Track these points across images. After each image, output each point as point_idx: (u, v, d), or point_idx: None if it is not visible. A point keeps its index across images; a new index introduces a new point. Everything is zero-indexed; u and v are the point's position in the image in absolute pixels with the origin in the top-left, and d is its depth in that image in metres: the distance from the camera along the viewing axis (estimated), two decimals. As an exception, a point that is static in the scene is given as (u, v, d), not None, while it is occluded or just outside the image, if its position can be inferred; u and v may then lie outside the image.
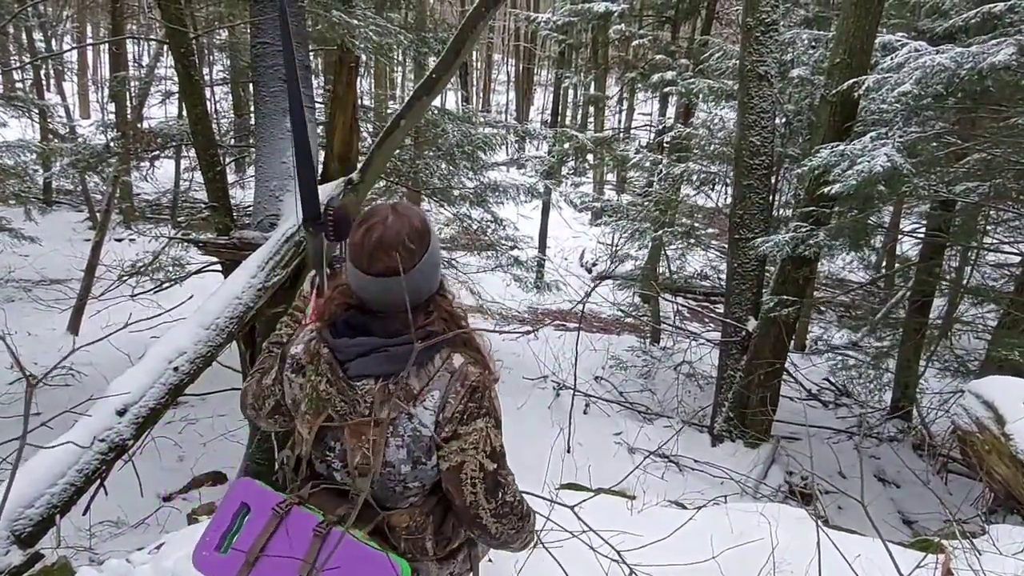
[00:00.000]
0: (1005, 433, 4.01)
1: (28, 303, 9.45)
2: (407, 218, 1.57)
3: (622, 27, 12.03)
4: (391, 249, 1.51)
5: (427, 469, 1.61)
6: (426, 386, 1.55)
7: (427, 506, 1.66)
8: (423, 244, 1.57)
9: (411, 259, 1.54)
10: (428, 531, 1.66)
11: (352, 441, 1.60)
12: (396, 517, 1.64)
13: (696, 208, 11.45)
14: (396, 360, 1.54)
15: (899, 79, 5.05)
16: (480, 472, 1.57)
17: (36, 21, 12.78)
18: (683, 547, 2.98)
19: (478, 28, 4.55)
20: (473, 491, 1.58)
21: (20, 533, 3.34)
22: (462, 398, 1.55)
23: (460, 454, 1.57)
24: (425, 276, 1.59)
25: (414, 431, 1.56)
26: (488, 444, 1.58)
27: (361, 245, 1.54)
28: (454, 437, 1.56)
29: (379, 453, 1.57)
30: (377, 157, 4.93)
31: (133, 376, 4.04)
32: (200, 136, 6.33)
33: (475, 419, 1.57)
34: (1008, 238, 8.40)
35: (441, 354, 1.59)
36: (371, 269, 1.53)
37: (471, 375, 1.57)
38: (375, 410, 1.55)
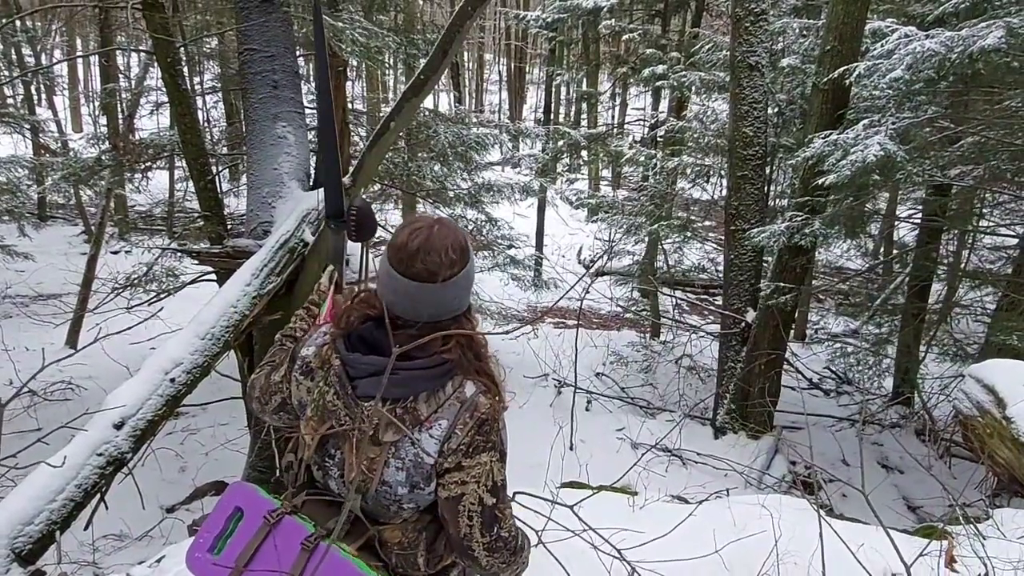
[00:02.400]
0: (1006, 416, 3.99)
1: (25, 319, 9.43)
2: (452, 231, 1.56)
3: (612, 22, 12.02)
4: (435, 254, 1.50)
5: (424, 494, 1.60)
6: (434, 413, 1.54)
7: (421, 523, 1.65)
8: (463, 259, 1.56)
9: (450, 269, 1.52)
10: (421, 547, 1.65)
11: (351, 456, 1.59)
12: (388, 532, 1.63)
13: (692, 201, 11.43)
14: (406, 384, 1.53)
15: (890, 65, 5.03)
16: (479, 506, 1.56)
17: (24, 36, 12.75)
18: (686, 542, 2.96)
19: (465, 27, 4.54)
20: (469, 523, 1.57)
21: (20, 550, 3.32)
22: (469, 430, 1.53)
23: (461, 486, 1.55)
24: (458, 291, 1.57)
25: (416, 456, 1.55)
26: (490, 479, 1.57)
27: (404, 246, 1.52)
28: (457, 469, 1.55)
29: (378, 471, 1.56)
30: (368, 160, 4.92)
31: (130, 389, 4.02)
32: (190, 145, 6.31)
33: (480, 452, 1.55)
34: (1005, 220, 8.38)
35: (453, 382, 1.57)
36: (409, 271, 1.51)
37: (481, 406, 1.55)
38: (379, 431, 1.54)
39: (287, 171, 5.19)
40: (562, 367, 8.57)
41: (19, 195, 9.22)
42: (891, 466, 7.05)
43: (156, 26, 5.81)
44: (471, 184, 9.92)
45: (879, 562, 2.85)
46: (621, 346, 9.86)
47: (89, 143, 9.90)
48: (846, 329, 9.23)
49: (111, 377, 6.31)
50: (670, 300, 11.04)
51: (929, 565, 2.85)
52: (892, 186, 7.98)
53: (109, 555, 4.93)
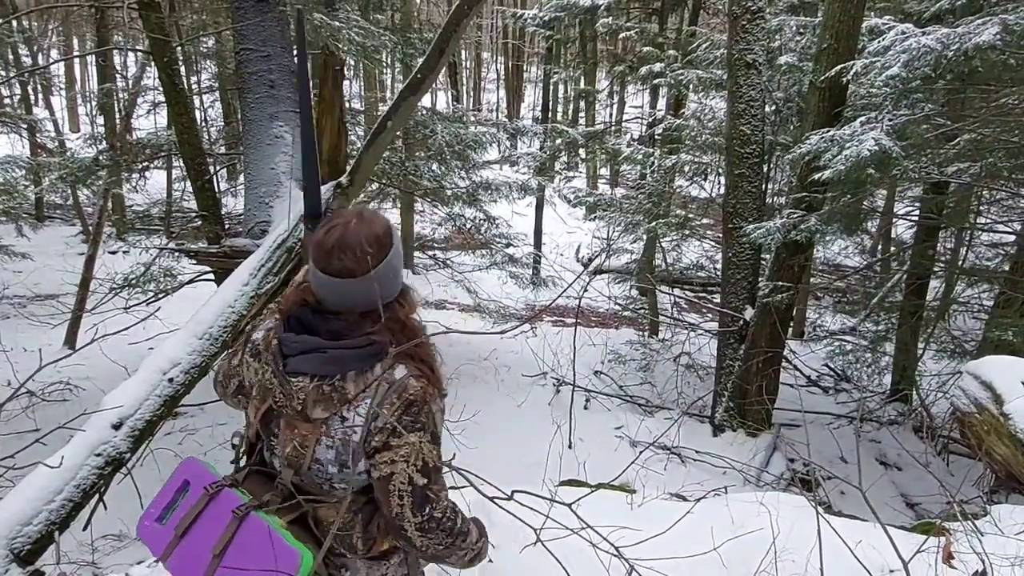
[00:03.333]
0: (1004, 413, 4.00)
1: (23, 319, 9.42)
2: (370, 224, 1.62)
3: (609, 20, 12.02)
4: (349, 251, 1.56)
5: (352, 474, 1.63)
6: (362, 392, 1.59)
7: (355, 504, 1.68)
8: (382, 251, 1.61)
9: (367, 264, 1.57)
10: (356, 528, 1.68)
11: (286, 432, 1.66)
12: (323, 511, 1.68)
13: (690, 199, 11.43)
14: (333, 363, 1.58)
15: (886, 63, 5.03)
16: (408, 485, 1.59)
17: (20, 36, 12.73)
18: (684, 540, 2.97)
19: (461, 26, 4.54)
20: (400, 503, 1.60)
21: (19, 551, 3.33)
22: (396, 410, 1.57)
23: (391, 466, 1.58)
24: (380, 283, 1.60)
25: (344, 435, 1.60)
26: (420, 458, 1.60)
27: (321, 244, 1.59)
28: (385, 448, 1.58)
29: (309, 448, 1.61)
30: (366, 159, 4.92)
31: (128, 389, 4.03)
32: (187, 145, 6.32)
33: (408, 433, 1.58)
34: (1002, 217, 8.39)
35: (383, 363, 1.62)
36: (328, 269, 1.57)
37: (410, 388, 1.60)
38: (307, 408, 1.60)
39: (284, 170, 5.20)
40: (560, 365, 8.57)
41: (16, 195, 9.19)
42: (889, 463, 7.06)
43: (153, 26, 5.81)
44: (469, 183, 9.92)
45: (877, 559, 2.85)
46: (619, 344, 9.86)
47: (86, 143, 9.90)
48: (844, 326, 9.23)
49: (109, 377, 6.30)
50: (668, 298, 11.05)
51: (927, 561, 2.86)
52: (889, 183, 8.00)
53: (108, 555, 4.92)
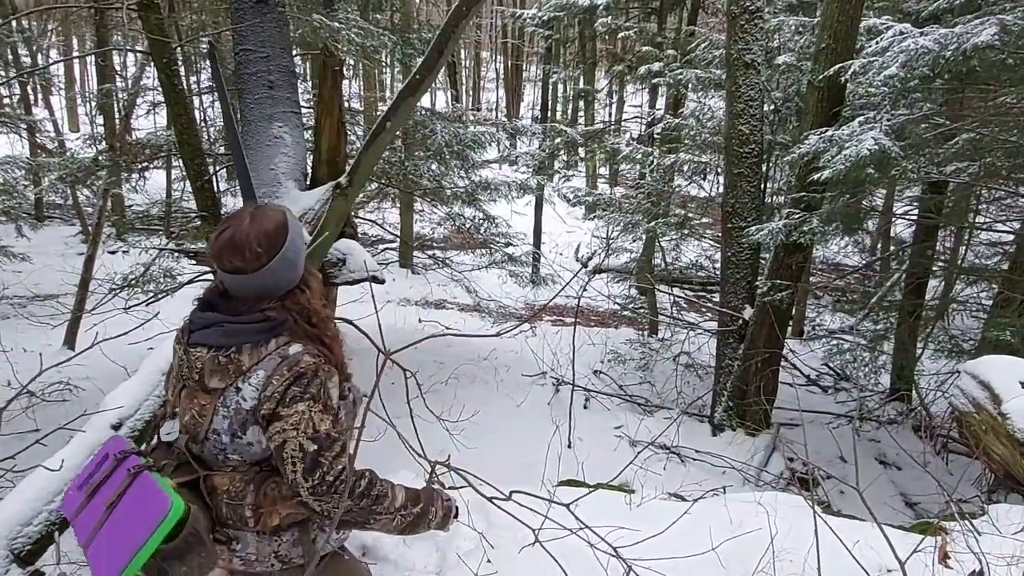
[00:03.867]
0: (1002, 412, 4.01)
1: (22, 319, 9.42)
2: (261, 222, 1.74)
3: (608, 20, 12.03)
4: (238, 251, 1.69)
5: (243, 443, 1.73)
6: (255, 364, 1.69)
7: (248, 474, 1.76)
8: (272, 247, 1.72)
9: (257, 261, 1.70)
10: (247, 499, 1.74)
11: (186, 402, 1.78)
12: (217, 478, 1.76)
13: (689, 198, 11.43)
14: (229, 335, 1.71)
15: (884, 63, 5.04)
16: (300, 452, 1.67)
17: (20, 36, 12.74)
18: (682, 540, 2.98)
19: (460, 27, 4.54)
20: (292, 469, 1.68)
21: (19, 551, 3.33)
22: (285, 380, 1.67)
23: (282, 434, 1.68)
24: (274, 276, 1.74)
25: (237, 404, 1.69)
26: (310, 426, 1.68)
27: (215, 243, 1.72)
28: (276, 418, 1.68)
29: (206, 418, 1.73)
30: (365, 160, 4.92)
31: (127, 389, 4.03)
32: (187, 146, 6.32)
33: (297, 402, 1.68)
34: (1001, 216, 8.40)
35: (278, 339, 1.72)
36: (221, 266, 1.71)
37: (302, 361, 1.70)
38: (204, 377, 1.72)
39: (283, 171, 5.20)
40: (560, 365, 8.57)
41: (16, 196, 9.20)
42: (888, 462, 7.06)
43: (152, 26, 5.82)
44: (468, 182, 9.92)
45: (874, 559, 2.86)
46: (619, 344, 9.86)
47: (86, 143, 9.90)
48: (843, 325, 9.23)
49: (109, 378, 6.29)
50: (667, 297, 11.05)
51: (923, 562, 2.86)
52: (889, 183, 8.00)
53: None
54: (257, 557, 1.79)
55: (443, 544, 3.14)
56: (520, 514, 2.86)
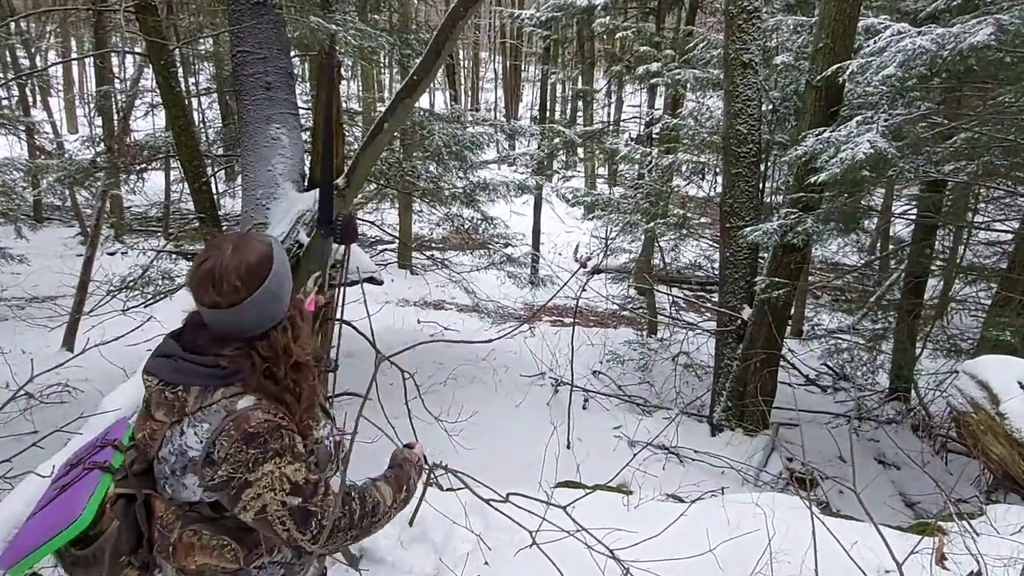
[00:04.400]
0: (1000, 412, 4.01)
1: (21, 321, 9.42)
2: (244, 254, 1.61)
3: (606, 20, 12.02)
4: (217, 284, 1.57)
5: (179, 483, 1.65)
6: (199, 410, 1.60)
7: (180, 510, 1.70)
8: (253, 283, 1.60)
9: (235, 295, 1.57)
10: (173, 533, 1.69)
11: (141, 420, 1.71)
12: (157, 503, 1.72)
13: (687, 198, 11.43)
14: (178, 373, 1.63)
15: (882, 62, 5.03)
16: (285, 510, 1.60)
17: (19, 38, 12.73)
18: (680, 541, 2.98)
19: (457, 28, 4.53)
20: (285, 528, 1.61)
21: (17, 555, 3.32)
22: (236, 443, 1.56)
23: (258, 500, 1.58)
24: (254, 312, 1.62)
25: (181, 447, 1.62)
26: (286, 483, 1.60)
27: (194, 273, 1.60)
28: (246, 485, 1.57)
29: (156, 442, 1.65)
30: (363, 161, 4.91)
31: (125, 392, 4.02)
32: (184, 147, 6.32)
33: (262, 464, 1.58)
34: (999, 215, 8.39)
35: (226, 390, 1.62)
36: (198, 298, 1.60)
37: (252, 419, 1.58)
38: (151, 407, 1.67)
39: (281, 172, 5.19)
40: (559, 365, 8.57)
41: (14, 197, 9.19)
42: (887, 462, 7.06)
43: (150, 29, 5.81)
44: (467, 183, 9.91)
45: (872, 560, 2.86)
46: (618, 344, 9.86)
47: (84, 145, 9.88)
48: (842, 325, 9.23)
49: (107, 379, 6.30)
50: (666, 297, 11.05)
51: (921, 563, 2.86)
52: (887, 182, 8.00)
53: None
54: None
55: (440, 546, 3.13)
56: (517, 516, 2.86)
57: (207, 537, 1.68)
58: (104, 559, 1.65)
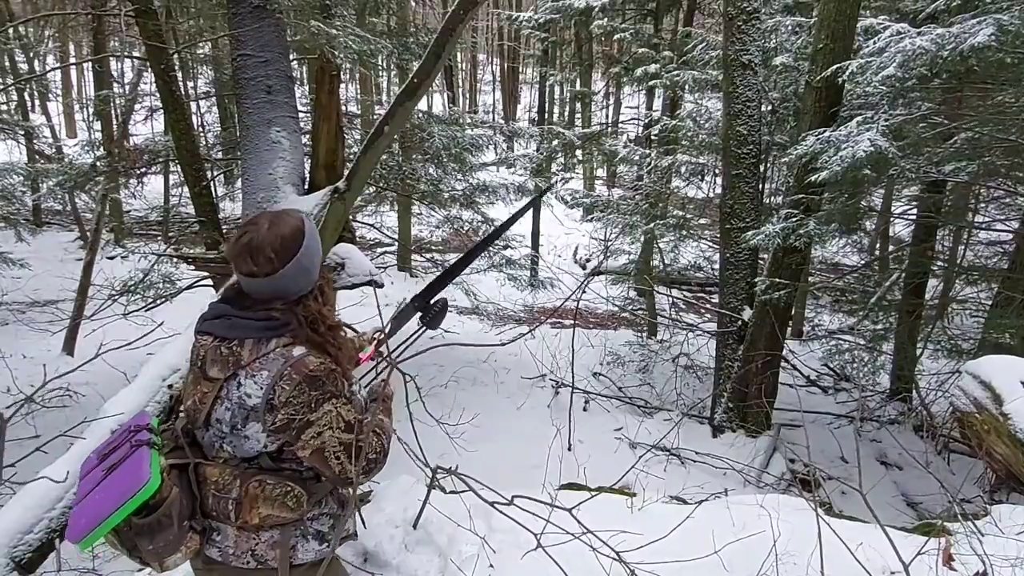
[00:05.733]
0: (1004, 412, 4.00)
1: (22, 325, 9.41)
2: (278, 227, 1.79)
3: (604, 22, 12.04)
4: (255, 255, 1.75)
5: (239, 436, 1.78)
6: (256, 360, 1.75)
7: (237, 469, 1.82)
8: (287, 253, 1.78)
9: (270, 265, 1.76)
10: (232, 493, 1.79)
11: (191, 388, 1.87)
12: (208, 468, 1.82)
13: (687, 200, 11.43)
14: (234, 328, 1.79)
15: (882, 63, 5.03)
16: (340, 447, 1.79)
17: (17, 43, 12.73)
18: (685, 543, 2.97)
19: (457, 31, 4.53)
20: (339, 462, 1.80)
21: (20, 559, 3.33)
22: (299, 386, 1.73)
23: (318, 438, 1.77)
24: (287, 281, 1.80)
25: (240, 399, 1.75)
26: (341, 420, 1.80)
27: (233, 246, 1.79)
28: (307, 425, 1.75)
29: (206, 405, 1.79)
30: (363, 164, 4.91)
31: (128, 396, 4.03)
32: (185, 151, 6.31)
33: (323, 404, 1.77)
34: (1000, 215, 8.40)
35: (279, 339, 1.78)
36: (238, 268, 1.78)
37: (310, 364, 1.76)
38: (206, 365, 1.81)
39: (282, 176, 5.19)
40: (559, 367, 8.56)
41: (14, 202, 9.19)
42: (890, 463, 7.05)
43: (149, 33, 5.81)
44: (466, 185, 9.92)
45: (878, 561, 2.85)
46: (618, 346, 9.85)
47: (84, 149, 9.88)
48: (843, 325, 9.23)
49: (108, 383, 6.29)
50: (666, 299, 11.04)
51: (927, 564, 2.86)
52: (887, 183, 8.00)
53: (108, 562, 4.90)
54: (235, 551, 1.84)
55: (445, 549, 3.13)
56: (522, 519, 2.86)
57: (271, 487, 1.80)
58: (170, 524, 1.73)
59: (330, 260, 5.16)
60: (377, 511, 3.27)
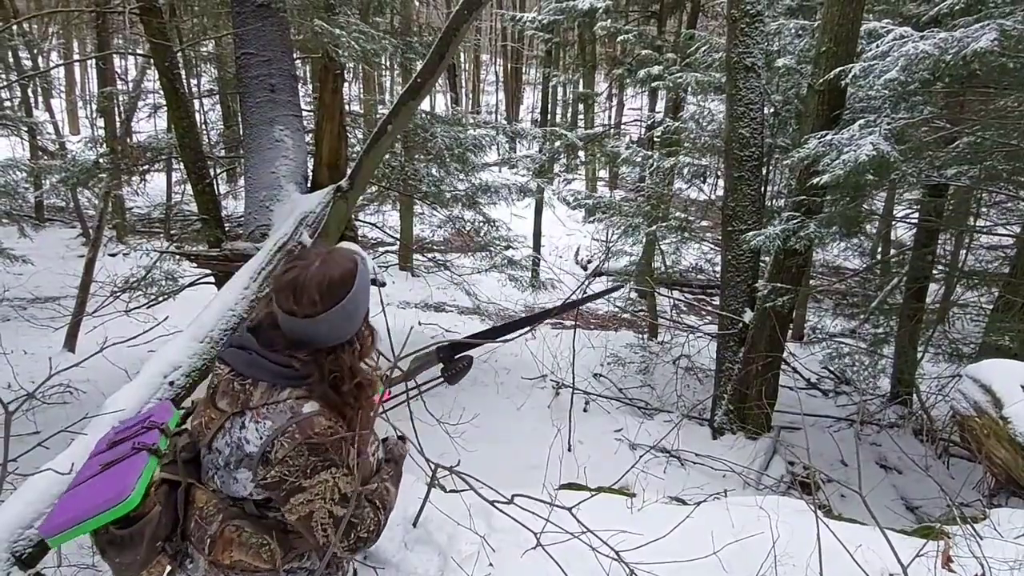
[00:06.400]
0: (1003, 416, 4.01)
1: (23, 322, 9.42)
2: (329, 269, 1.67)
3: (608, 23, 12.03)
4: (298, 295, 1.63)
5: (230, 476, 1.70)
6: (264, 405, 1.64)
7: (223, 503, 1.74)
8: (333, 299, 1.65)
9: (313, 308, 1.64)
10: (212, 527, 1.72)
11: (201, 408, 1.79)
12: (199, 492, 1.76)
13: (689, 202, 11.43)
14: (251, 365, 1.68)
15: (885, 66, 5.04)
16: (330, 519, 1.67)
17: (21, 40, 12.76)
18: (684, 544, 2.97)
19: (461, 31, 4.54)
20: (325, 535, 1.68)
21: (20, 554, 3.33)
22: (299, 447, 1.62)
23: (308, 505, 1.65)
24: (327, 327, 1.67)
25: (239, 440, 1.66)
26: (336, 493, 1.67)
27: (279, 279, 1.68)
28: (299, 491, 1.64)
29: (211, 431, 1.71)
30: (366, 163, 4.92)
31: (129, 392, 4.03)
32: (188, 149, 6.32)
33: (319, 472, 1.64)
34: (1002, 220, 8.40)
35: (293, 391, 1.66)
36: (280, 304, 1.67)
37: (316, 425, 1.64)
38: (216, 394, 1.73)
39: (284, 174, 5.20)
40: (560, 368, 8.56)
41: (17, 198, 9.20)
42: (889, 466, 7.05)
43: (154, 30, 5.82)
44: (468, 185, 9.92)
45: (877, 563, 2.86)
46: (619, 347, 9.86)
47: (87, 146, 9.90)
48: (844, 329, 9.23)
49: (109, 380, 6.30)
50: (667, 301, 11.05)
51: (926, 566, 2.86)
52: (889, 186, 8.01)
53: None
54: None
55: (445, 548, 3.14)
56: (522, 518, 2.86)
57: (248, 535, 1.72)
58: (141, 542, 1.68)
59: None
60: (377, 509, 3.27)
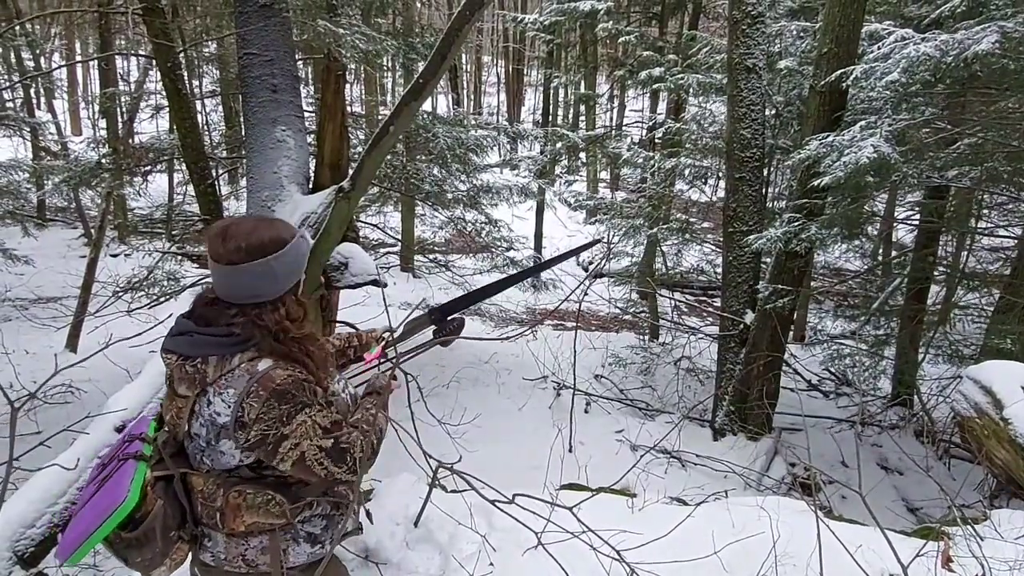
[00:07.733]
0: (1004, 417, 4.01)
1: (25, 322, 9.43)
2: (262, 229, 1.77)
3: (609, 25, 12.03)
4: (227, 239, 1.73)
5: (216, 451, 1.78)
6: (221, 377, 1.72)
7: (220, 478, 1.81)
8: (257, 251, 1.74)
9: (235, 255, 1.72)
10: (217, 503, 1.80)
11: (168, 402, 1.86)
12: (194, 478, 1.83)
13: (690, 203, 11.43)
14: (196, 346, 1.75)
15: (886, 68, 5.04)
16: (321, 452, 1.77)
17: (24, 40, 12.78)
18: (685, 544, 2.98)
19: (463, 32, 4.55)
20: (323, 467, 1.78)
21: (23, 553, 3.34)
22: (267, 402, 1.69)
23: (296, 449, 1.74)
24: (247, 278, 1.75)
25: (211, 416, 1.74)
26: (317, 428, 1.76)
27: (212, 227, 1.80)
28: (283, 439, 1.72)
29: (183, 420, 1.78)
30: (368, 164, 4.93)
31: (131, 392, 4.04)
32: (190, 149, 6.33)
33: (295, 416, 1.73)
34: (1003, 221, 8.40)
35: (243, 355, 1.74)
36: (209, 248, 1.75)
37: (276, 377, 1.72)
38: (175, 384, 1.80)
39: (286, 175, 5.20)
40: (561, 369, 8.57)
41: (19, 198, 9.22)
42: (890, 467, 7.05)
43: (156, 31, 5.83)
44: (470, 186, 9.93)
45: (877, 563, 2.86)
46: (620, 348, 9.86)
47: (89, 146, 9.92)
48: (845, 331, 9.23)
49: (111, 380, 6.31)
50: (669, 302, 11.05)
51: (926, 566, 2.87)
52: (890, 188, 8.01)
53: (110, 558, 4.91)
54: (226, 557, 1.86)
55: (446, 547, 3.14)
56: (523, 517, 2.87)
57: (251, 496, 1.80)
58: (155, 537, 1.74)
59: (333, 259, 5.18)
60: (378, 508, 3.29)
